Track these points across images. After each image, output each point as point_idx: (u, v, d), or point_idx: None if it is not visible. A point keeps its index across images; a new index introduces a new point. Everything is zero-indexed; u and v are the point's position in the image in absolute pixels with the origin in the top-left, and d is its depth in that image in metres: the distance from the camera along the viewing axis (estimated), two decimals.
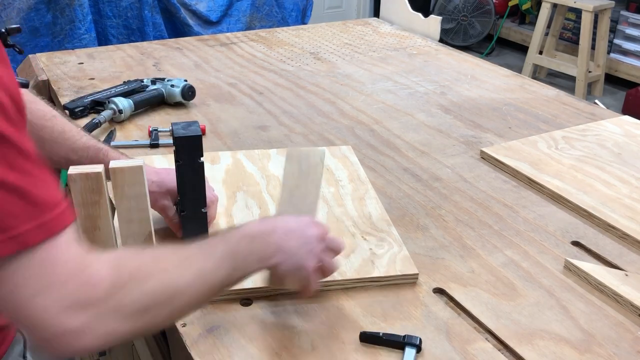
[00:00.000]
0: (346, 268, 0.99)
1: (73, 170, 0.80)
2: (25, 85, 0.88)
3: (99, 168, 0.80)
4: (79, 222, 0.83)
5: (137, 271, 0.68)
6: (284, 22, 3.81)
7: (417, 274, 0.99)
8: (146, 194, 0.84)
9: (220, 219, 1.11)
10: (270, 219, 0.86)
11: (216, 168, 1.28)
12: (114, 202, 0.86)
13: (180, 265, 0.72)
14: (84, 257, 0.64)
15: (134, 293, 0.67)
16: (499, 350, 0.87)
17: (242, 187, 1.22)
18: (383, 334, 0.86)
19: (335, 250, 0.88)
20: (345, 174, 1.29)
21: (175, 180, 0.96)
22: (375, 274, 0.98)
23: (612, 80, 4.67)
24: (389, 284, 0.98)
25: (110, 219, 0.84)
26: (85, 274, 0.63)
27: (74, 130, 1.05)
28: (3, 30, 0.85)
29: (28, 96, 1.05)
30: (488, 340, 0.88)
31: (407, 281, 0.99)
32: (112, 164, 0.81)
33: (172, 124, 0.92)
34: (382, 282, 0.98)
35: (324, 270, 0.86)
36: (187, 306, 0.74)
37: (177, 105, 1.61)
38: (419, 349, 0.84)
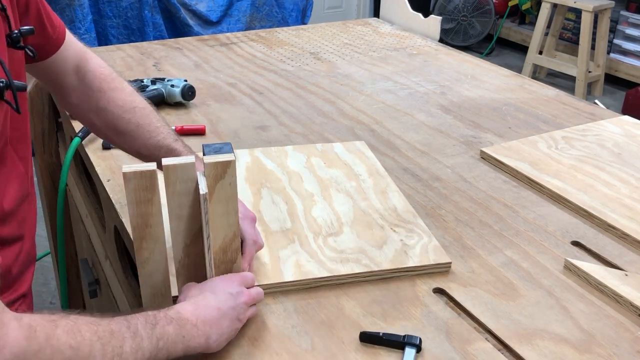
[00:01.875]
0: (381, 259, 1.02)
1: (127, 168, 0.81)
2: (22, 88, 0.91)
3: (152, 166, 0.81)
4: (131, 221, 0.83)
5: (48, 345, 0.64)
6: (284, 22, 3.81)
7: (450, 263, 1.02)
8: (196, 190, 0.84)
9: None
10: (198, 302, 0.82)
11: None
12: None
13: (93, 347, 0.68)
14: None
15: None
16: (499, 350, 0.87)
17: (265, 184, 1.23)
18: (383, 333, 0.86)
19: (257, 301, 0.90)
20: (364, 168, 1.31)
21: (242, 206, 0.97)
22: (410, 263, 1.01)
23: (612, 80, 4.67)
24: (424, 273, 1.01)
25: (162, 216, 0.84)
26: None
27: (151, 126, 1.04)
28: (17, 32, 0.85)
29: (113, 83, 1.06)
30: (488, 340, 0.88)
31: (440, 270, 1.01)
32: (165, 161, 0.82)
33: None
34: (417, 271, 1.01)
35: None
36: None
37: (177, 105, 1.61)
38: (419, 348, 0.85)
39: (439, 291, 0.98)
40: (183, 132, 1.45)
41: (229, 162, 0.82)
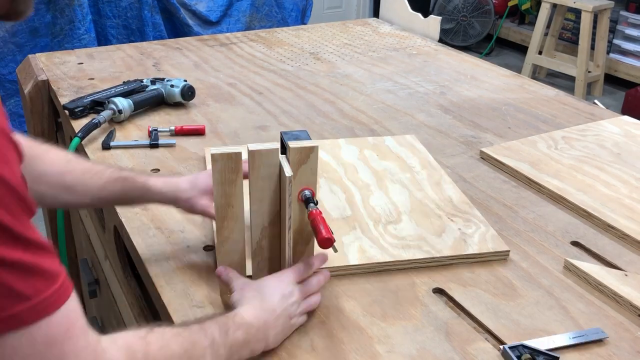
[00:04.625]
0: (441, 246, 1.04)
1: (214, 150, 0.85)
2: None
3: (239, 149, 0.85)
4: (215, 200, 0.87)
5: None
6: (283, 22, 3.82)
7: (509, 251, 1.04)
8: (278, 174, 0.88)
9: None
10: (257, 305, 0.85)
11: None
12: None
13: (183, 356, 0.73)
14: (97, 342, 0.62)
15: None
16: (499, 350, 0.87)
17: (322, 174, 1.25)
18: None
19: (314, 292, 0.92)
20: (416, 161, 1.33)
21: (205, 179, 0.99)
22: (470, 251, 1.03)
23: (612, 80, 4.67)
24: (482, 260, 1.03)
25: (243, 197, 0.88)
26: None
27: (94, 169, 1.01)
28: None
29: (40, 148, 1.00)
30: (488, 340, 0.88)
31: (498, 258, 1.04)
32: (250, 147, 0.85)
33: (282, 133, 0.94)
34: (477, 258, 1.03)
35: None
36: None
37: (177, 105, 1.61)
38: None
39: (439, 291, 0.98)
40: (183, 132, 1.45)
41: (312, 148, 0.86)
